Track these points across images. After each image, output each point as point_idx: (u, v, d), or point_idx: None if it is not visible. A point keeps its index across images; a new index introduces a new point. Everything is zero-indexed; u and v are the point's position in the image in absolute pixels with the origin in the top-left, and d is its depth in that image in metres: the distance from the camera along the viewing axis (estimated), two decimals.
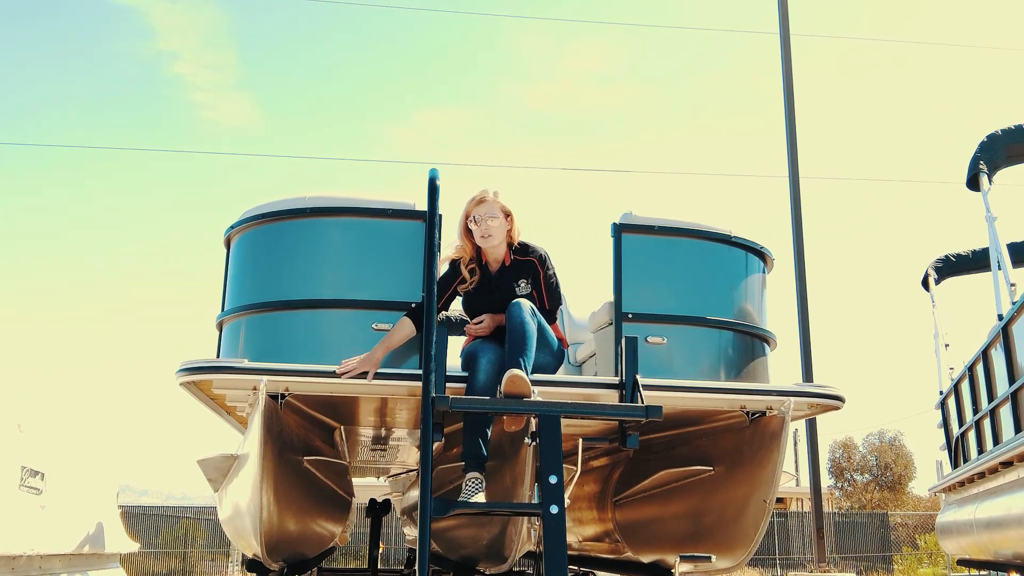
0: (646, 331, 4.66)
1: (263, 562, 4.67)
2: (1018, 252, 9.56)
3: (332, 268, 4.58)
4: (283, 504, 4.50)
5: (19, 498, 5.26)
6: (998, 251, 7.75)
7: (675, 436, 5.42)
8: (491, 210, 4.52)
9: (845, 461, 38.01)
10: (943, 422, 9.97)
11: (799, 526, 26.58)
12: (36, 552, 5.39)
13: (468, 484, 4.21)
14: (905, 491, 36.92)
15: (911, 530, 27.58)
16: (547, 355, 4.50)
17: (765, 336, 5.10)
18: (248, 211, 4.81)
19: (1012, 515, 6.29)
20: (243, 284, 4.78)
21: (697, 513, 5.12)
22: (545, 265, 4.61)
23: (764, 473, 4.55)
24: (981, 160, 8.46)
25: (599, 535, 6.54)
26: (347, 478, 6.57)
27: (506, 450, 4.48)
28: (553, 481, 3.82)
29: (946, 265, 10.91)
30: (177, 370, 4.35)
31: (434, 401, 3.93)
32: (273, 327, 4.56)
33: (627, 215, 4.88)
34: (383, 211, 4.56)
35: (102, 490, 7.17)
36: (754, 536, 4.53)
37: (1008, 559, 6.74)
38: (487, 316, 4.55)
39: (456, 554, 5.37)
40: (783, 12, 15.88)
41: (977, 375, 7.75)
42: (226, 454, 5.13)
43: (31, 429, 5.67)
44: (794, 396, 4.59)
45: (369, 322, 4.43)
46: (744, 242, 5.07)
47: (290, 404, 4.48)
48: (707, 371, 4.80)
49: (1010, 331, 6.59)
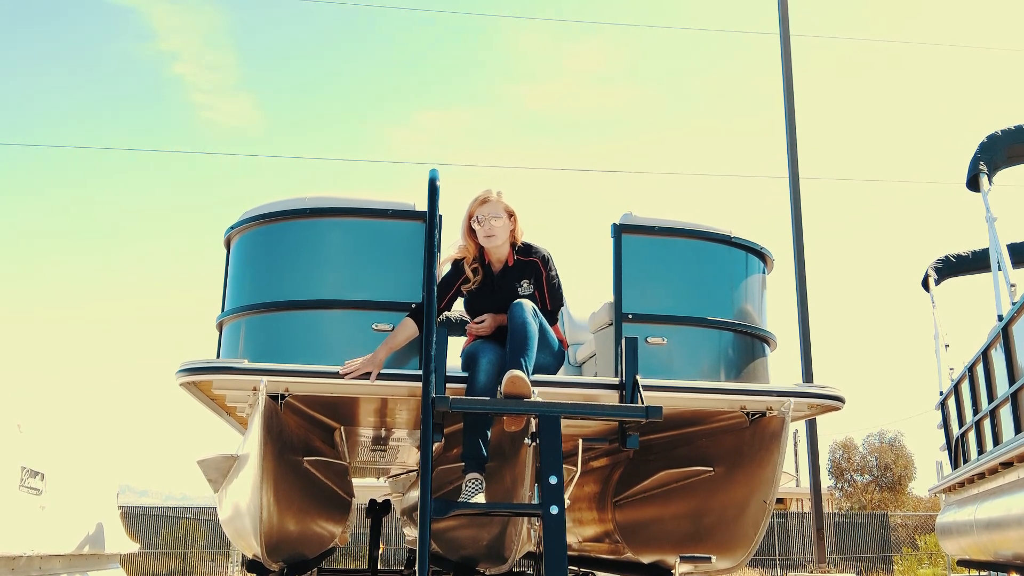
0: (646, 332, 4.66)
1: (263, 563, 4.67)
2: (1018, 253, 9.55)
3: (332, 269, 4.58)
4: (283, 505, 4.50)
5: (19, 498, 5.26)
6: (998, 252, 7.75)
7: (675, 437, 5.42)
8: (495, 210, 4.52)
9: (845, 462, 38.00)
10: (943, 423, 9.96)
11: (799, 527, 26.58)
12: (36, 552, 5.39)
13: (468, 485, 4.21)
14: (905, 492, 36.91)
15: (911, 531, 27.56)
16: (548, 356, 4.50)
17: (765, 336, 5.10)
18: (248, 211, 4.81)
19: (1012, 516, 6.29)
20: (243, 284, 4.77)
21: (697, 514, 5.11)
22: (548, 266, 4.61)
23: (764, 474, 4.55)
24: (981, 161, 8.46)
25: (599, 536, 6.54)
26: (347, 478, 6.56)
27: (506, 451, 4.48)
28: (553, 482, 3.82)
29: (946, 266, 10.91)
30: (177, 370, 4.35)
31: (434, 402, 3.93)
32: (273, 328, 4.56)
33: (627, 216, 4.88)
34: (383, 211, 4.56)
35: (102, 490, 7.17)
36: (754, 537, 4.53)
37: (1008, 560, 6.74)
38: (488, 316, 4.55)
39: (456, 555, 5.37)
40: (783, 13, 15.90)
41: (977, 376, 7.75)
42: (226, 454, 5.12)
43: (31, 429, 5.67)
44: (794, 397, 4.59)
45: (369, 323, 4.42)
46: (744, 242, 5.07)
47: (290, 404, 4.48)
48: (707, 372, 4.80)
49: (1010, 332, 6.59)
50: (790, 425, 4.53)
